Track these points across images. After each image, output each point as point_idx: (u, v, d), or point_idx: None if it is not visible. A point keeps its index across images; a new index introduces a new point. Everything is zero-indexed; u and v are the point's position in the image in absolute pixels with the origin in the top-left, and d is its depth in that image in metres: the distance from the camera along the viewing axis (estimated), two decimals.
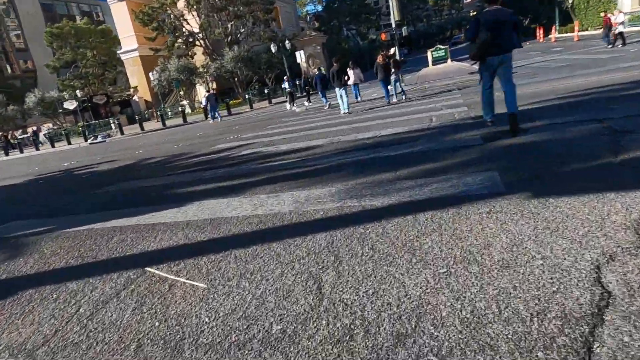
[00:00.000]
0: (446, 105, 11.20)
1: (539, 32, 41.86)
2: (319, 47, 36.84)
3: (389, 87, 15.17)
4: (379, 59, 15.37)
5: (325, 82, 17.59)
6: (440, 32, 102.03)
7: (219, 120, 23.71)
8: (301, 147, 8.39)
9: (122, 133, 28.61)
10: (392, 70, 15.07)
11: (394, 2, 19.34)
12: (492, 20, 5.74)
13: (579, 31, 33.19)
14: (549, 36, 38.37)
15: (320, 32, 44.94)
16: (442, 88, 16.85)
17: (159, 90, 36.34)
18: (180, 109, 32.10)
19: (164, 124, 28.68)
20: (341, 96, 13.98)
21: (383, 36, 19.24)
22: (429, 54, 34.38)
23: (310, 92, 23.78)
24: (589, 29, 36.88)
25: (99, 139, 29.59)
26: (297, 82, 30.78)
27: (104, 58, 49.67)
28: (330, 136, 9.21)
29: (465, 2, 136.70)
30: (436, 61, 34.40)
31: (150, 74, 35.68)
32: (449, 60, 33.82)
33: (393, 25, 19.70)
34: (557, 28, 42.40)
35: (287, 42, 31.48)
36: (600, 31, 25.02)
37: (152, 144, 17.54)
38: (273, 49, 31.05)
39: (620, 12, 20.81)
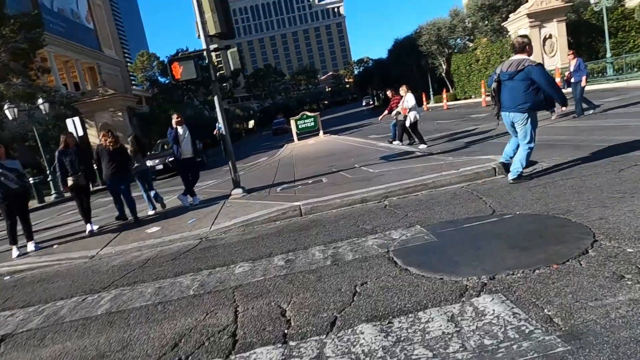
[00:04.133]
0: None
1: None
2: (120, 114, 23.19)
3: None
4: (103, 138, 7.66)
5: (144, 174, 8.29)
6: (299, 105, 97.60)
7: None
8: None
9: None
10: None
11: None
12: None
13: (447, 100, 26.42)
14: (422, 105, 31.88)
15: (131, 98, 31.48)
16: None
17: None
18: None
19: None
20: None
21: (177, 71, 6.66)
22: (292, 124, 23.60)
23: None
24: (473, 96, 31.13)
25: None
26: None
27: None
28: None
29: (320, 78, 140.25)
30: (303, 133, 23.74)
31: None
32: (322, 133, 23.38)
33: (203, 45, 7.58)
34: (432, 96, 36.93)
35: (41, 103, 17.16)
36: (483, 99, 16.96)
37: None
38: (9, 113, 16.40)
39: (408, 91, 11.63)
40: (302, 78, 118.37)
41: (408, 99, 11.52)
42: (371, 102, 72.79)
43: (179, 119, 7.89)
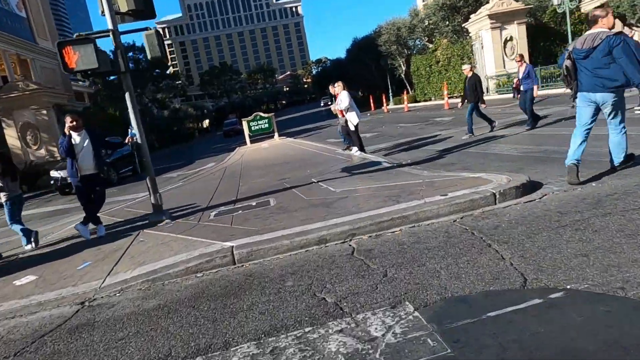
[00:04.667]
0: None
1: (379, 101, 34.60)
2: (45, 112, 20.23)
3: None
4: None
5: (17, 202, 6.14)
6: (257, 105, 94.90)
7: None
8: None
9: None
10: None
11: None
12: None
13: (410, 101, 25.53)
14: (382, 107, 30.97)
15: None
16: None
17: None
18: None
19: None
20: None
21: (70, 58, 4.69)
22: (244, 125, 21.64)
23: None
24: (433, 98, 30.47)
25: None
26: None
27: None
28: None
29: (278, 78, 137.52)
30: (256, 136, 21.88)
31: None
32: (277, 135, 21.61)
33: (109, 23, 5.65)
34: (391, 98, 36.04)
35: None
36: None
37: None
38: None
39: (344, 89, 9.95)
40: (259, 77, 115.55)
41: (342, 98, 9.81)
42: (329, 103, 71.69)
43: (74, 122, 5.87)
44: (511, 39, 23.09)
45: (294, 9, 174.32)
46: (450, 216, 4.41)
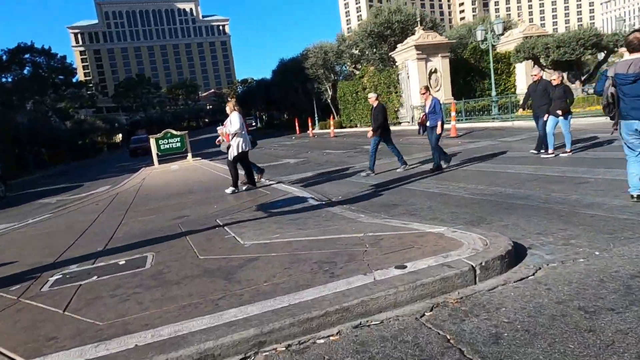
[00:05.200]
0: None
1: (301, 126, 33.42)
2: None
3: None
4: None
5: None
6: (177, 121, 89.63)
7: None
8: None
9: None
10: None
11: None
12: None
13: (336, 127, 24.78)
14: (307, 131, 29.93)
15: None
16: None
17: None
18: None
19: None
20: None
21: None
22: (152, 143, 18.91)
23: None
24: (359, 124, 30.05)
25: None
26: None
27: None
28: None
29: (202, 95, 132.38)
30: (166, 156, 19.31)
31: None
32: (190, 156, 19.25)
33: None
34: (317, 122, 35.19)
35: None
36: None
37: None
38: None
39: (234, 108, 8.15)
40: (180, 92, 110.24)
41: (232, 119, 8.04)
42: (254, 124, 70.10)
43: None
44: (436, 71, 23.32)
45: (221, 27, 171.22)
46: (414, 305, 2.85)
